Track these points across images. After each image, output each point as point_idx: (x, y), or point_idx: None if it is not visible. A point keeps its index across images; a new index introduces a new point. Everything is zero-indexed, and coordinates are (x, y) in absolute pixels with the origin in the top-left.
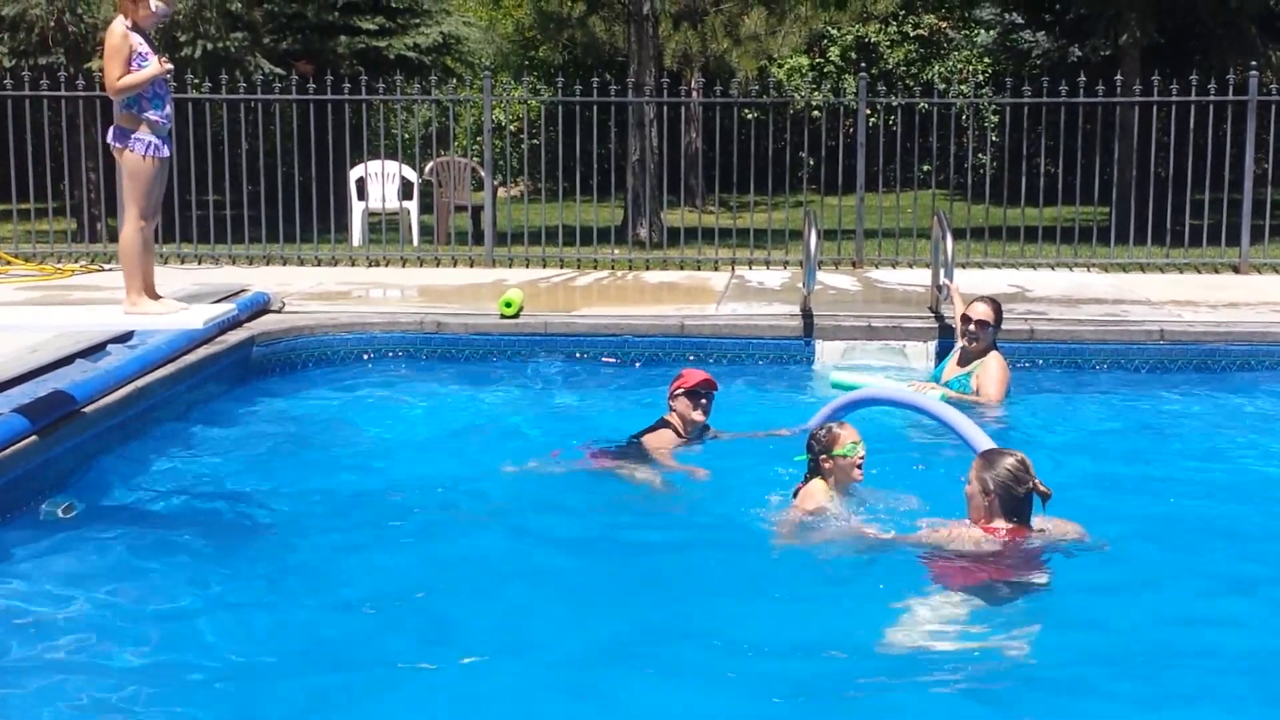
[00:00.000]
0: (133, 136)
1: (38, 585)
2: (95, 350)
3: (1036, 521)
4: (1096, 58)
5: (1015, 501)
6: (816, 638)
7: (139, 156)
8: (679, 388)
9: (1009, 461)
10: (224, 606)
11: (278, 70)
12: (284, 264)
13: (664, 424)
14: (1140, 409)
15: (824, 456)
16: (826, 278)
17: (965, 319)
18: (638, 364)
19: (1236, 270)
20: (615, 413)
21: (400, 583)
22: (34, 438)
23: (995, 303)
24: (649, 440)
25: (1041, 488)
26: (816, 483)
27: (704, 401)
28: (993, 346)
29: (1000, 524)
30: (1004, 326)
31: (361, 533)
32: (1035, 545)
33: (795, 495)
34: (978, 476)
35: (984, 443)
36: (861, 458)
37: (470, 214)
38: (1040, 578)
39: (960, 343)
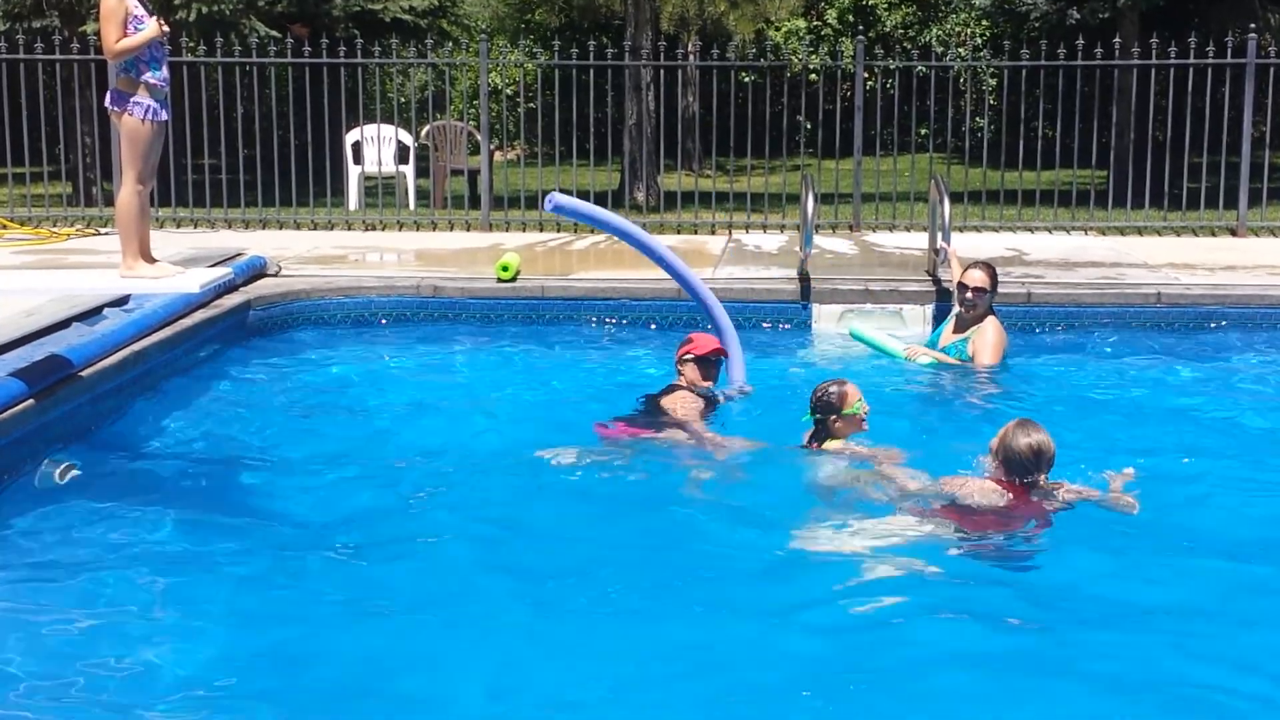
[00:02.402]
0: (131, 100)
1: (34, 548)
2: (92, 314)
3: (1048, 486)
4: (1095, 21)
5: (1017, 477)
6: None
7: (138, 120)
8: (689, 353)
9: (1025, 444)
10: (221, 570)
11: (273, 33)
12: (280, 228)
13: (676, 387)
14: (1137, 371)
15: (833, 417)
16: (824, 241)
17: (961, 286)
18: (652, 326)
19: (1234, 233)
20: (613, 373)
21: (396, 541)
22: (31, 401)
23: (990, 268)
24: (670, 402)
25: (1042, 483)
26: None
27: (714, 369)
28: (990, 311)
29: (1003, 481)
30: (1002, 290)
31: (358, 494)
32: (1036, 505)
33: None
34: (999, 439)
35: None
36: (866, 412)
37: (467, 178)
38: (1033, 535)
39: (956, 309)
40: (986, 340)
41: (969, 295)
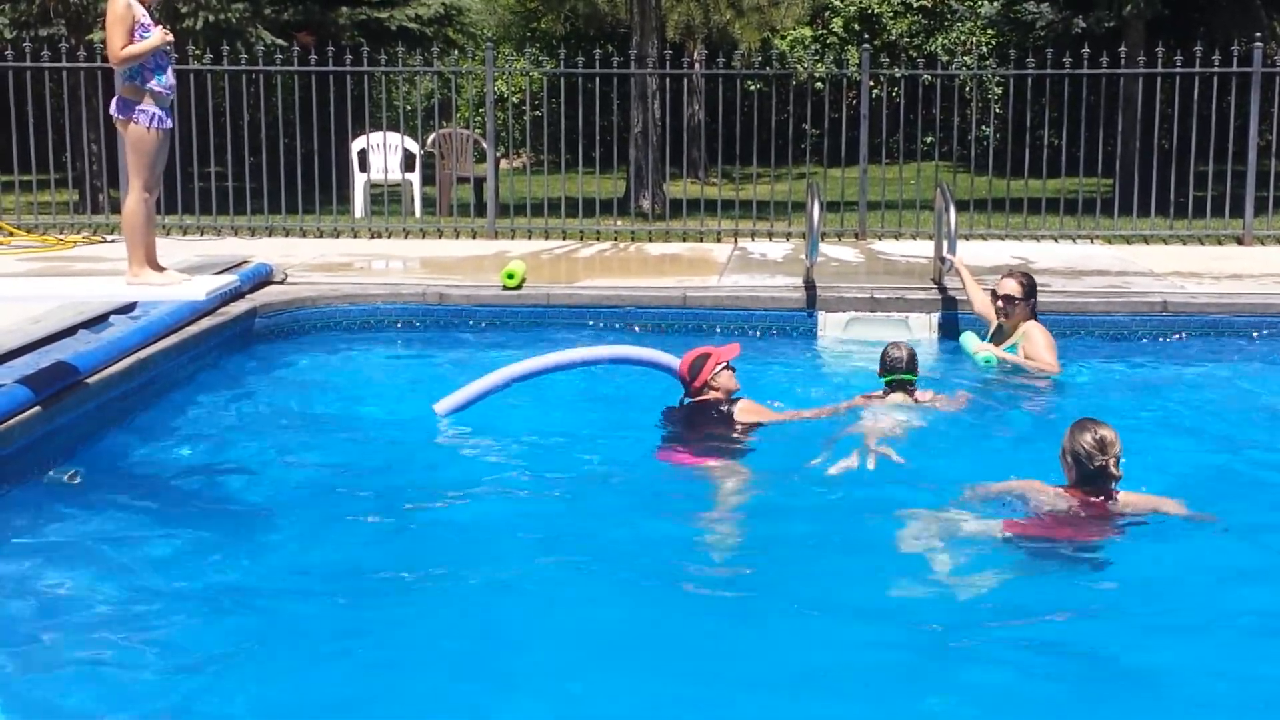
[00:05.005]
0: (136, 108)
1: (41, 554)
2: (98, 321)
3: (1123, 496)
4: (1100, 29)
5: (1089, 473)
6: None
7: (143, 128)
8: (719, 363)
9: (1088, 436)
10: (227, 577)
11: (279, 42)
12: (286, 235)
13: (719, 401)
14: (1143, 380)
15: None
16: (829, 249)
17: (993, 294)
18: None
19: (1240, 242)
20: (619, 382)
21: (401, 553)
22: (37, 408)
23: (1023, 274)
24: (744, 411)
25: (1113, 469)
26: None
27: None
28: (1031, 317)
29: (1078, 491)
30: None
31: (366, 503)
32: (1108, 515)
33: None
34: (1065, 441)
35: (670, 361)
36: None
37: (472, 186)
38: (1102, 545)
39: (996, 321)
40: (1036, 345)
41: (999, 304)
